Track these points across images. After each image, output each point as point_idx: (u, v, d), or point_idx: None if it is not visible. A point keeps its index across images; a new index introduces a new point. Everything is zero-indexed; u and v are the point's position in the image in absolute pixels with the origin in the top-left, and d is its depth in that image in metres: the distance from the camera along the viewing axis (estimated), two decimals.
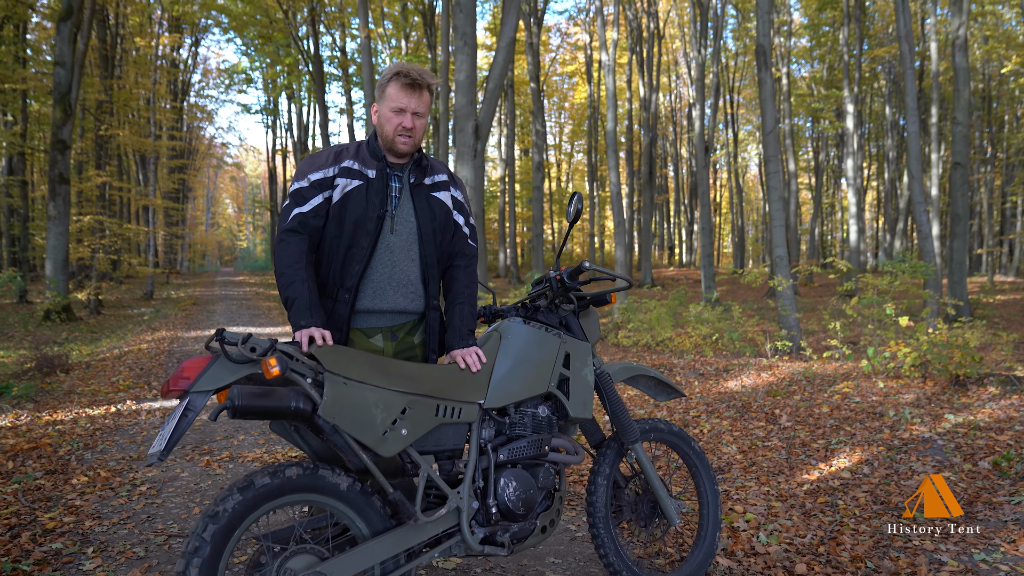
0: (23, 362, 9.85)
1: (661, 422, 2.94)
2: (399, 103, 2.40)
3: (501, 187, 35.99)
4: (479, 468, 2.40)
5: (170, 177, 36.67)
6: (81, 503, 3.84)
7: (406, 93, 2.40)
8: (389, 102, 2.42)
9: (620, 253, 18.36)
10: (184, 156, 38.58)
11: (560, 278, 2.69)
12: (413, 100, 2.41)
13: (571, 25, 39.10)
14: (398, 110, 2.41)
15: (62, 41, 15.63)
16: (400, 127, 2.42)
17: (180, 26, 32.23)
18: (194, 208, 60.25)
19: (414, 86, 2.40)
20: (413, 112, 2.42)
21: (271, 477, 2.00)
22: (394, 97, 2.41)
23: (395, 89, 2.40)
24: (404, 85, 2.39)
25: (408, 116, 2.42)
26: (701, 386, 7.46)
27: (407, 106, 2.41)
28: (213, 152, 54.43)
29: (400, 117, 2.42)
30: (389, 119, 2.43)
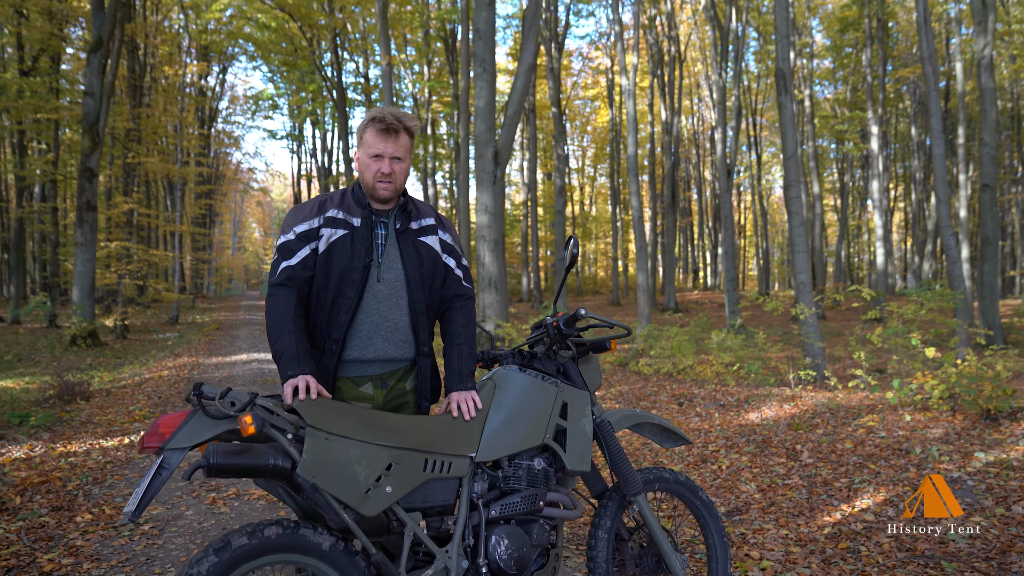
0: (46, 389, 9.93)
1: (666, 471, 2.82)
2: (376, 149, 2.38)
3: (524, 211, 36.04)
4: (469, 525, 2.30)
5: (197, 202, 37.24)
6: (83, 543, 3.79)
7: (382, 138, 2.37)
8: (367, 148, 2.40)
9: (642, 277, 18.20)
10: (211, 181, 39.18)
11: (556, 325, 2.59)
12: (390, 145, 2.38)
13: (592, 49, 39.30)
14: (375, 156, 2.38)
15: (92, 72, 15.97)
16: (379, 173, 2.38)
17: (208, 55, 32.93)
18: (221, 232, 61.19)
19: (389, 131, 2.37)
20: (391, 157, 2.39)
21: (249, 537, 1.91)
22: (371, 143, 2.38)
23: (371, 135, 2.38)
24: (380, 131, 2.37)
25: (386, 161, 2.38)
26: (721, 418, 7.28)
27: (384, 151, 2.38)
28: (240, 177, 55.26)
29: (378, 163, 2.38)
30: (368, 165, 2.40)
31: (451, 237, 2.60)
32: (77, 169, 16.21)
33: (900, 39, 29.14)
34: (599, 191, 48.30)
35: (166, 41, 28.39)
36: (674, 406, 8.15)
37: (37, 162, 24.54)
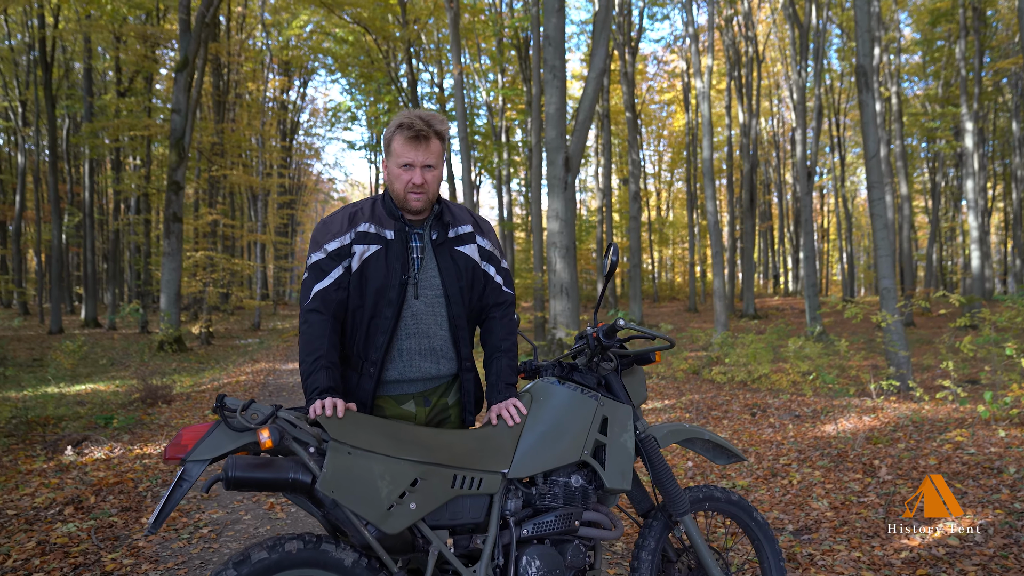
0: (131, 392, 10.40)
1: (718, 489, 2.66)
2: (406, 158, 2.23)
3: (599, 217, 35.73)
4: (500, 544, 2.20)
5: (279, 212, 38.56)
6: (144, 544, 3.89)
7: (412, 146, 2.22)
8: (396, 158, 2.26)
9: (718, 283, 17.73)
10: (292, 192, 40.49)
11: (596, 336, 2.47)
12: (420, 153, 2.23)
13: (667, 52, 38.71)
14: (406, 165, 2.24)
15: (178, 90, 16.72)
16: (410, 184, 2.24)
17: (289, 70, 34.11)
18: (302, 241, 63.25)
19: (419, 138, 2.22)
20: (423, 165, 2.25)
21: (269, 551, 1.89)
22: (400, 152, 2.24)
23: (400, 143, 2.23)
24: (408, 139, 2.22)
25: (417, 171, 2.24)
26: (795, 430, 6.95)
27: (414, 160, 2.23)
28: (320, 187, 56.95)
29: (408, 173, 2.24)
30: (398, 176, 2.26)
31: (490, 242, 2.48)
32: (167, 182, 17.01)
33: (999, 28, 27.49)
34: (676, 196, 47.50)
35: (250, 58, 29.52)
36: (746, 416, 7.85)
37: (132, 177, 25.92)
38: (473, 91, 34.10)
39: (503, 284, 2.49)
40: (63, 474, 5.60)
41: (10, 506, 4.76)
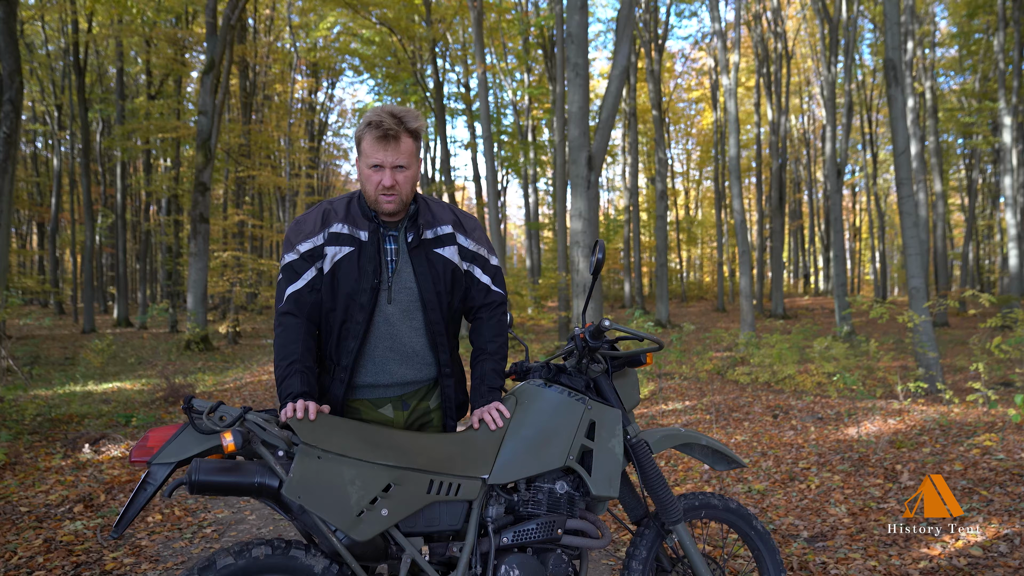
0: (155, 391, 10.52)
1: (715, 497, 2.56)
2: (375, 158, 2.13)
3: (626, 216, 35.49)
4: (477, 552, 2.12)
5: None
6: (147, 543, 3.89)
7: (381, 146, 2.11)
8: (365, 158, 2.15)
9: (745, 282, 17.46)
10: (320, 192, 40.81)
11: (584, 337, 2.38)
12: (390, 153, 2.12)
13: (695, 50, 38.31)
14: (375, 166, 2.14)
15: (205, 92, 16.91)
16: (380, 186, 2.14)
17: (316, 71, 34.40)
18: None
19: (388, 137, 2.10)
20: (393, 166, 2.13)
21: (235, 557, 1.84)
22: (369, 152, 2.13)
23: (369, 143, 2.13)
24: (377, 138, 2.11)
25: (387, 172, 2.13)
26: (817, 432, 6.78)
27: (384, 161, 2.12)
28: (349, 187, 57.37)
29: (379, 174, 2.14)
30: (368, 177, 2.16)
31: (474, 241, 2.37)
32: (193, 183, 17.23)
33: None
34: (704, 195, 47.03)
35: (278, 60, 29.82)
36: (768, 418, 7.68)
37: (163, 178, 26.32)
38: (500, 91, 34.10)
39: (491, 284, 2.40)
40: (79, 472, 5.65)
41: (24, 503, 4.81)
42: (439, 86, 27.12)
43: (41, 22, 25.50)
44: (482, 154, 28.10)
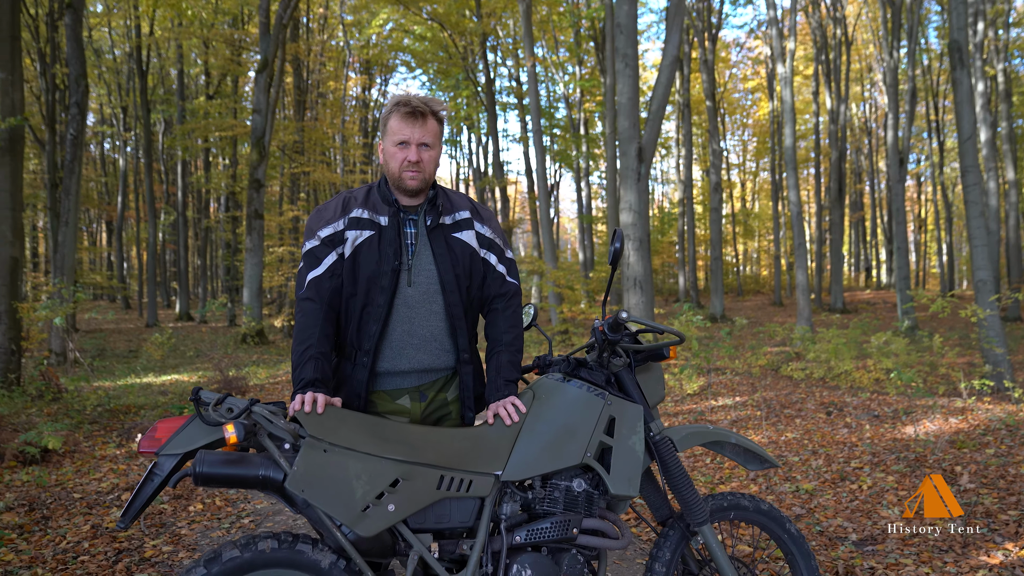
0: (210, 383, 10.79)
1: (746, 497, 2.44)
2: (401, 135, 2.18)
3: (680, 209, 34.97)
4: (489, 551, 2.06)
5: None
6: (187, 532, 3.96)
7: (408, 123, 2.17)
8: (391, 136, 2.20)
9: (801, 276, 16.99)
10: None
11: (603, 329, 2.30)
12: (417, 130, 2.18)
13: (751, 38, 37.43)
14: (401, 143, 2.18)
15: (259, 91, 17.26)
16: (405, 162, 2.18)
17: (370, 68, 34.83)
18: None
19: (415, 115, 2.17)
20: (418, 143, 2.18)
21: (241, 550, 1.83)
22: (396, 130, 2.19)
23: (396, 121, 2.18)
24: (405, 115, 2.17)
25: (413, 148, 2.18)
26: (872, 431, 6.53)
27: (410, 137, 2.17)
28: None
29: (404, 151, 2.18)
30: (393, 155, 2.21)
31: (491, 229, 2.37)
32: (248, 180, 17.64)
33: None
34: (761, 187, 46.00)
35: (332, 58, 30.26)
36: (821, 415, 7.44)
37: (221, 176, 27.01)
38: (552, 84, 33.94)
39: (506, 274, 2.37)
40: (131, 461, 5.81)
41: (78, 489, 4.96)
42: (489, 80, 27.15)
43: (108, 28, 26.41)
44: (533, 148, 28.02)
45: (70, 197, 14.92)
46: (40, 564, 3.59)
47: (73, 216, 15.11)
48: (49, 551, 3.76)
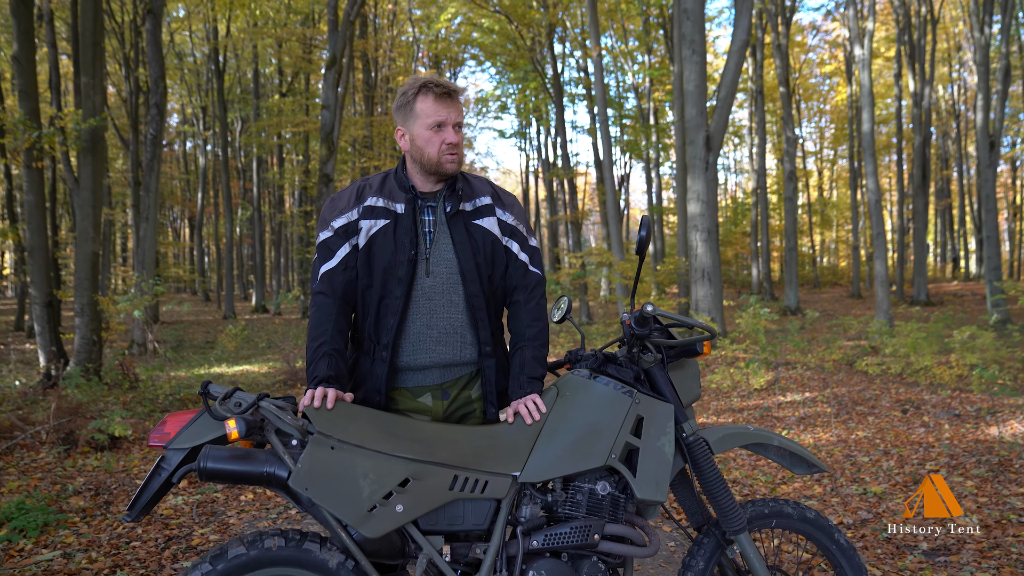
0: (278, 373, 11.06)
1: (790, 504, 2.27)
2: (437, 116, 2.06)
3: (754, 199, 34.00)
4: (503, 555, 1.96)
5: None
6: (235, 522, 4.01)
7: (443, 104, 2.06)
8: (423, 119, 2.08)
9: (880, 267, 16.22)
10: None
11: (630, 323, 2.16)
12: (453, 111, 2.08)
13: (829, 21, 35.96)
14: (437, 125, 2.07)
15: (327, 87, 17.56)
16: (444, 144, 2.07)
17: (439, 62, 35.14)
18: None
19: (449, 95, 2.06)
20: (455, 124, 2.08)
21: (248, 547, 1.79)
22: (429, 112, 2.07)
23: (428, 103, 2.07)
24: (439, 96, 2.06)
25: (450, 130, 2.08)
26: (952, 431, 6.14)
27: (447, 119, 2.07)
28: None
29: (441, 133, 2.07)
30: (429, 139, 2.08)
31: (513, 216, 2.24)
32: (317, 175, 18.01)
33: None
34: (839, 175, 44.29)
35: (401, 53, 30.64)
36: (896, 413, 7.05)
37: (294, 171, 27.70)
38: (622, 74, 33.47)
39: (528, 263, 2.25)
40: None
41: (142, 476, 5.12)
42: (556, 72, 26.95)
43: (188, 32, 27.41)
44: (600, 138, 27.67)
45: (150, 194, 15.52)
46: (96, 548, 3.70)
47: (153, 212, 15.72)
48: (106, 535, 3.88)
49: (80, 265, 9.57)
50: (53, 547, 3.75)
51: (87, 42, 9.92)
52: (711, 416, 7.72)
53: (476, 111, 47.54)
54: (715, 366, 10.69)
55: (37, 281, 9.59)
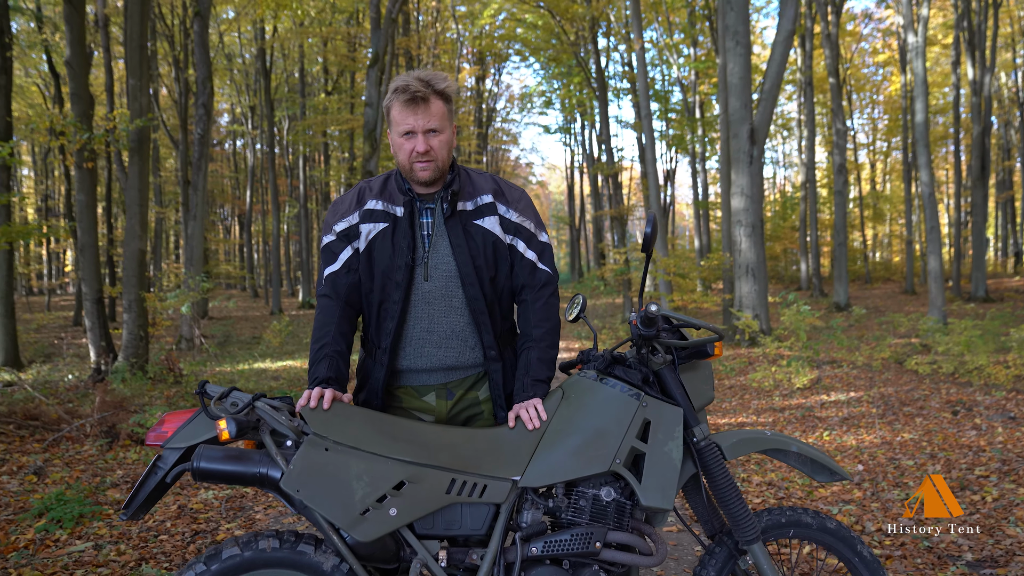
0: None
1: (809, 513, 2.16)
2: (405, 125, 2.00)
3: (803, 193, 33.23)
4: (501, 561, 1.91)
5: None
6: (261, 517, 4.05)
7: (410, 111, 1.99)
8: (396, 126, 2.03)
9: (933, 262, 15.68)
10: None
11: (636, 323, 2.08)
12: (421, 117, 1.99)
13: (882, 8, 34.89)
14: (407, 133, 2.01)
15: (370, 84, 17.71)
16: (413, 153, 2.01)
17: (484, 58, 35.23)
18: None
19: (416, 100, 1.98)
20: (425, 131, 2.00)
21: (242, 548, 1.79)
22: (399, 119, 2.01)
23: (398, 109, 2.01)
24: (405, 102, 1.98)
25: (420, 138, 2.00)
26: (1006, 434, 5.88)
27: (415, 126, 2.00)
28: (518, 172, 58.32)
29: (411, 141, 2.01)
30: (400, 146, 2.04)
31: (517, 213, 2.17)
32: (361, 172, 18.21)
33: None
34: (892, 167, 43.01)
35: (446, 51, 30.76)
36: (946, 415, 6.78)
37: (340, 169, 28.06)
38: (667, 67, 33.02)
39: (537, 260, 2.18)
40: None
41: None
42: (600, 66, 26.74)
43: (237, 33, 27.97)
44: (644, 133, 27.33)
45: (198, 192, 15.87)
46: (125, 540, 3.77)
47: (201, 210, 16.07)
48: (136, 528, 3.95)
49: (128, 262, 9.83)
50: (86, 539, 3.84)
51: (134, 45, 10.17)
52: (751, 416, 7.55)
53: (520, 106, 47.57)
54: (757, 364, 10.47)
55: (88, 278, 9.88)
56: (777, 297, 9.72)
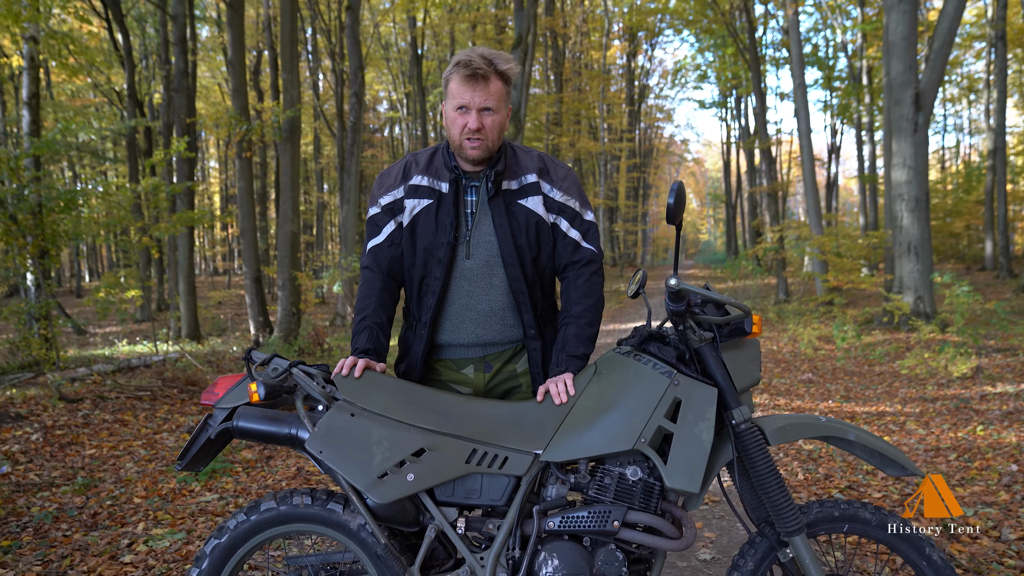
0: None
1: (868, 507, 1.99)
2: (461, 99, 2.01)
3: (989, 162, 30.00)
4: (517, 533, 1.93)
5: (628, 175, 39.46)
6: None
7: (468, 86, 1.99)
8: (451, 99, 2.04)
9: None
10: (640, 156, 41.10)
11: (666, 299, 1.98)
12: (478, 94, 1.99)
13: None
14: (461, 108, 2.02)
15: None
16: (466, 129, 2.02)
17: (634, 34, 34.58)
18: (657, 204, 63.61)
19: (476, 77, 1.97)
20: (480, 108, 2.00)
21: (278, 502, 1.96)
22: (455, 93, 2.02)
23: (456, 83, 2.01)
24: (465, 77, 1.99)
25: (474, 115, 2.00)
26: None
27: (470, 102, 1.99)
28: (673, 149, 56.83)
29: (464, 117, 2.02)
30: (453, 120, 2.04)
31: (562, 192, 2.16)
32: None
33: None
34: None
35: (595, 28, 30.53)
36: None
37: None
38: (831, 32, 30.87)
39: (580, 239, 2.17)
40: None
41: None
42: (753, 36, 25.46)
43: (392, 23, 29.23)
44: (815, 103, 25.70)
45: (350, 177, 16.82)
46: (245, 495, 4.15)
47: (354, 194, 17.03)
48: (256, 484, 4.33)
49: (281, 243, 10.65)
50: (215, 492, 4.26)
51: (285, 42, 10.93)
52: (896, 404, 7.00)
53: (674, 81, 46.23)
54: (913, 350, 9.65)
55: (247, 259, 10.81)
56: (944, 278, 8.86)
